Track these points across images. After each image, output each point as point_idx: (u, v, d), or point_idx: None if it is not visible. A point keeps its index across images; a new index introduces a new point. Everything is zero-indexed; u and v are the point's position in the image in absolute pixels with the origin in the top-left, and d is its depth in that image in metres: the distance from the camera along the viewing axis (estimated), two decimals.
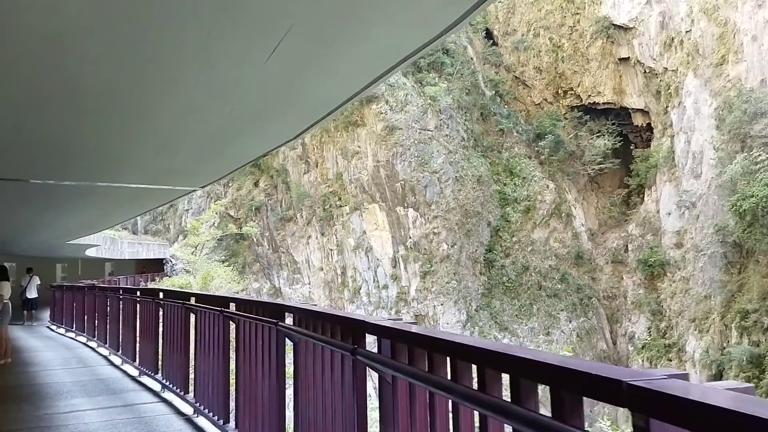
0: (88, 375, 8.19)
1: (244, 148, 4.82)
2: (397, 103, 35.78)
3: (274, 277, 39.18)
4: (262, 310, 4.22)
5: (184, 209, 41.31)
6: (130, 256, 27.91)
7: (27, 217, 9.47)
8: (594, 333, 37.31)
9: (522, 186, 37.51)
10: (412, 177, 35.66)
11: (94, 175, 6.02)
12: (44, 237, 13.44)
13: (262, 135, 4.28)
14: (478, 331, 35.78)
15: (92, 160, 5.35)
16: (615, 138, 37.76)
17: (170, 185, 6.59)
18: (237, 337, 4.67)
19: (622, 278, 37.83)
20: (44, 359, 9.54)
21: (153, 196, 7.22)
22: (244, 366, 4.58)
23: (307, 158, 38.50)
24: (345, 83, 3.31)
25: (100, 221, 10.53)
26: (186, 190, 6.87)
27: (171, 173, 5.95)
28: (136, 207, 8.27)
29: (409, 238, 36.15)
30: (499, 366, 1.72)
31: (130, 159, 5.43)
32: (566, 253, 37.44)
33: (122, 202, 7.74)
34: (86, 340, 11.63)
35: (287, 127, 4.08)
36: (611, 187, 39.88)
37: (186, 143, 4.62)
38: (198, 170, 5.80)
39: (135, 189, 6.73)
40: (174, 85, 3.14)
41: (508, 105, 39.26)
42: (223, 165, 5.65)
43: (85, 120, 3.94)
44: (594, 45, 38.07)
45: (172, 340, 6.64)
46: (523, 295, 36.61)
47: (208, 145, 4.74)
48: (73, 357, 9.81)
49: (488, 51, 39.66)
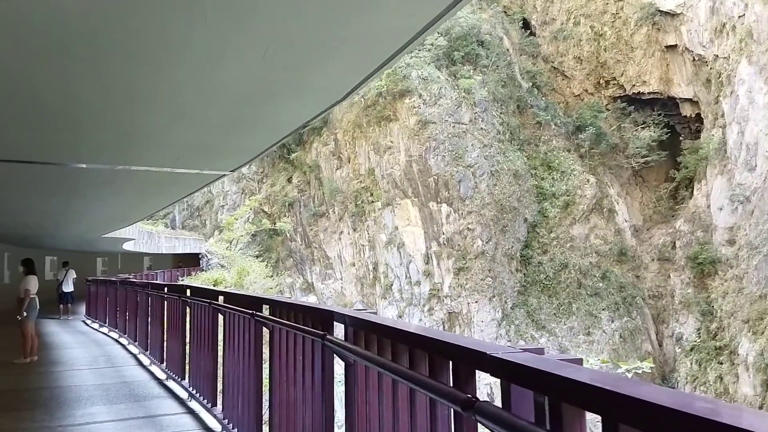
0: (113, 377, 7.55)
1: (280, 115, 3.97)
2: (431, 97, 34.69)
3: (306, 273, 38.69)
4: (303, 317, 3.38)
5: (219, 205, 41.28)
6: (167, 250, 27.81)
7: (57, 207, 8.94)
8: (638, 334, 35.49)
9: (561, 180, 35.94)
10: (446, 172, 34.54)
11: (117, 155, 5.30)
12: (78, 230, 13.05)
13: (303, 94, 3.41)
14: (514, 330, 34.48)
15: (112, 135, 4.61)
16: (661, 129, 35.79)
17: (197, 168, 5.82)
18: (271, 346, 3.84)
19: (669, 276, 35.85)
20: (71, 357, 9.00)
21: (180, 182, 6.49)
22: (281, 382, 3.74)
23: (339, 154, 37.83)
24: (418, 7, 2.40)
25: (130, 212, 9.97)
26: (215, 174, 6.10)
27: (198, 152, 5.17)
28: (164, 195, 7.59)
29: (442, 234, 35.07)
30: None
31: (153, 134, 4.66)
32: (608, 250, 35.70)
33: (148, 189, 7.06)
34: (118, 337, 11.12)
35: (336, 80, 3.20)
36: (657, 181, 37.87)
37: (214, 107, 3.81)
38: (227, 147, 4.99)
39: (160, 173, 5.99)
40: (199, 21, 2.31)
41: (545, 97, 37.68)
42: (255, 140, 4.83)
43: (103, 81, 3.21)
44: (638, 32, 36.14)
45: (199, 344, 5.88)
46: (561, 293, 35.08)
47: (240, 111, 3.92)
48: (102, 355, 9.25)
49: (525, 41, 38.12)
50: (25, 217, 9.87)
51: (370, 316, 2.60)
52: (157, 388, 6.85)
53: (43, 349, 9.63)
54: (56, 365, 8.34)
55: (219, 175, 6.19)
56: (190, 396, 6.10)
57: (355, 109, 36.26)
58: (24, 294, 8.44)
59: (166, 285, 7.46)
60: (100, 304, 13.03)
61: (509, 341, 34.18)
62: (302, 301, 4.53)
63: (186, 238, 31.75)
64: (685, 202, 36.25)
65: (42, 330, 12.38)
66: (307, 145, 38.68)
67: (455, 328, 34.88)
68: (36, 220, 10.58)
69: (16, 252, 17.75)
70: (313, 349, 3.12)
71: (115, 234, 14.14)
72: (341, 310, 2.96)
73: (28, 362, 8.47)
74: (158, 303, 7.83)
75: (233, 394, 4.81)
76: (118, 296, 10.97)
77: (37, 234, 13.47)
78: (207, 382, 5.58)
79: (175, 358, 6.96)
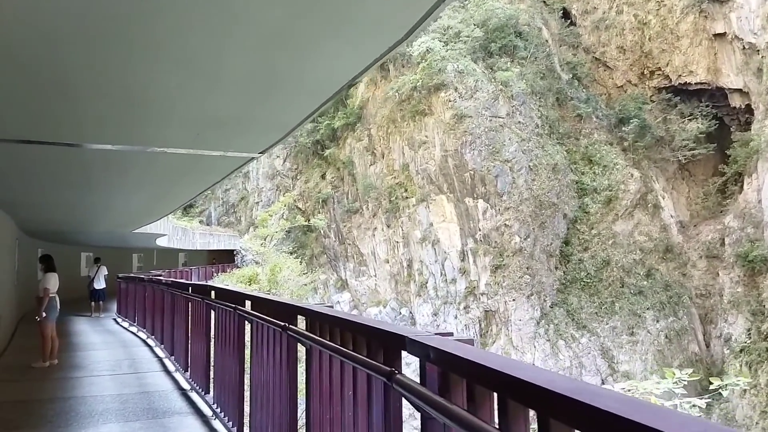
0: (134, 386, 6.68)
1: (322, 68, 2.93)
2: (467, 90, 33.26)
3: (340, 269, 37.87)
4: (354, 337, 2.31)
5: (254, 201, 40.88)
6: (201, 246, 27.37)
7: (79, 198, 8.18)
8: (684, 334, 33.30)
9: (602, 175, 34.00)
10: (483, 167, 33.08)
11: (128, 132, 4.36)
12: (107, 225, 12.41)
13: (354, 36, 2.37)
14: (553, 329, 32.81)
15: (119, 105, 3.67)
16: (709, 121, 33.46)
17: (221, 149, 4.84)
18: (309, 370, 2.80)
19: (717, 275, 33.50)
20: (94, 361, 8.23)
21: (203, 167, 5.55)
22: (323, 419, 2.68)
23: (373, 150, 36.81)
24: None
25: (157, 204, 9.17)
26: (241, 157, 5.12)
27: (220, 127, 4.17)
28: (188, 183, 6.70)
29: (478, 230, 33.64)
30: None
31: (164, 102, 3.69)
32: (653, 247, 33.60)
33: (170, 175, 6.16)
34: (146, 337, 10.37)
35: (384, 27, 2.16)
36: (704, 175, 35.47)
37: (235, 60, 2.82)
38: (254, 120, 3.98)
39: (180, 157, 5.04)
40: None
41: (586, 89, 35.72)
42: (287, 111, 3.81)
43: None
44: (685, 21, 33.84)
45: (224, 354, 4.90)
46: (603, 291, 33.20)
47: (265, 75, 2.93)
48: (127, 359, 8.45)
49: (565, 32, 36.21)
50: (49, 211, 9.21)
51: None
52: (180, 401, 5.93)
53: (66, 351, 8.91)
54: (76, 370, 7.56)
55: (246, 158, 5.21)
56: (213, 414, 5.14)
57: (389, 103, 35.16)
58: (43, 293, 7.68)
59: (190, 285, 6.55)
60: (130, 302, 12.32)
61: (548, 341, 32.55)
62: (354, 315, 3.39)
63: (221, 234, 31.30)
64: (735, 197, 33.76)
65: (71, 329, 11.78)
66: (341, 141, 37.80)
67: (492, 326, 33.46)
68: (61, 214, 9.92)
69: (49, 249, 17.39)
70: (369, 387, 2.24)
71: (147, 229, 13.49)
72: (411, 334, 2.07)
73: (47, 366, 7.73)
74: (183, 304, 6.94)
75: (262, 421, 3.81)
76: (147, 295, 10.20)
77: (66, 230, 12.94)
78: (232, 400, 4.60)
79: (199, 368, 6.03)
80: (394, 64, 34.97)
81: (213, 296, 5.30)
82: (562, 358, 32.04)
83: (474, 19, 33.69)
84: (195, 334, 6.28)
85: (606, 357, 32.28)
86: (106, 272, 14.74)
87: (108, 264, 19.42)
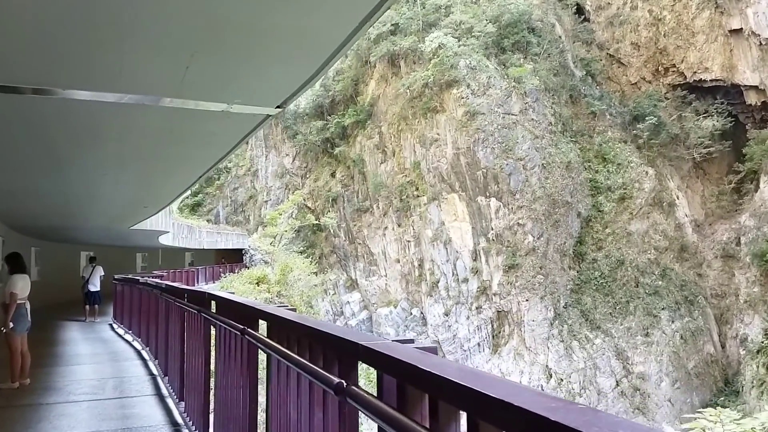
0: (115, 418, 5.06)
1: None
2: (479, 87, 31.60)
3: (350, 269, 36.21)
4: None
5: (263, 200, 39.28)
6: (208, 245, 25.71)
7: (57, 182, 6.55)
8: (700, 335, 31.55)
9: (616, 173, 32.28)
10: (495, 164, 31.40)
11: (95, 65, 2.72)
12: (101, 218, 10.80)
13: None
14: (567, 330, 31.07)
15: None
16: (725, 118, 31.70)
17: (226, 100, 3.18)
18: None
19: (733, 275, 31.76)
20: (74, 380, 6.58)
21: (203, 131, 3.90)
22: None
23: (384, 147, 35.16)
24: None
25: (149, 193, 7.48)
26: (253, 114, 3.48)
27: (223, 56, 2.54)
28: (184, 159, 5.02)
29: (491, 229, 31.96)
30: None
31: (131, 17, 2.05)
32: (667, 247, 31.87)
33: (160, 145, 4.51)
34: (141, 348, 8.73)
35: None
36: (718, 173, 33.72)
37: None
38: (274, 36, 2.32)
39: (171, 112, 3.39)
40: None
41: (600, 86, 34.04)
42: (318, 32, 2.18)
43: None
44: (700, 16, 32.15)
45: (227, 390, 3.27)
46: (618, 291, 31.46)
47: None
48: (114, 377, 6.79)
49: (579, 28, 34.56)
50: (25, 200, 7.59)
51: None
52: None
53: (45, 365, 7.25)
54: (48, 394, 5.91)
55: (259, 117, 3.57)
56: None
57: (400, 100, 33.52)
58: (9, 299, 6.04)
59: (186, 291, 4.89)
60: (126, 306, 10.60)
61: (562, 341, 30.80)
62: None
63: (229, 232, 29.62)
64: (751, 195, 32.06)
65: (59, 337, 10.11)
66: (351, 139, 36.15)
67: (504, 327, 31.75)
68: (41, 206, 8.30)
69: (46, 248, 15.82)
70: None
71: (147, 225, 11.89)
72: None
73: (16, 387, 6.10)
74: (177, 314, 5.29)
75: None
76: (142, 299, 8.49)
77: (57, 225, 11.30)
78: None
79: (196, 400, 4.38)
80: (405, 60, 33.33)
81: (214, 309, 3.65)
82: (576, 360, 30.31)
83: (486, 15, 32.01)
84: (191, 354, 4.63)
85: (620, 358, 30.54)
86: (102, 273, 12.93)
87: (110, 264, 17.77)
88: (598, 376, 30.22)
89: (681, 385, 30.58)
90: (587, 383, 30.06)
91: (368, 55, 34.76)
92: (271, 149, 39.31)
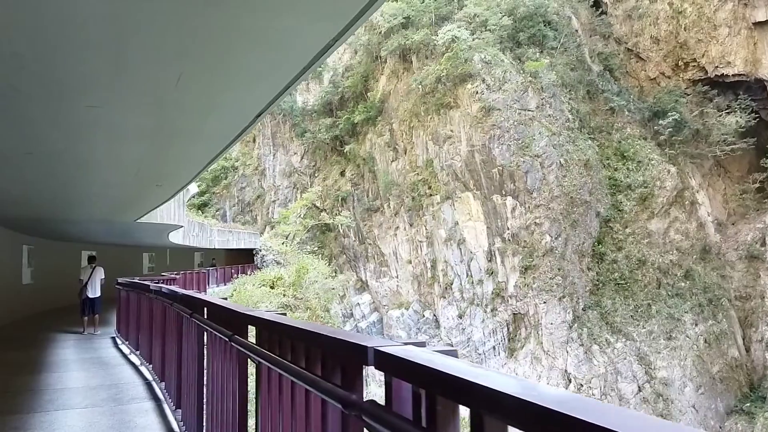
0: None
1: None
2: (495, 82, 30.04)
3: (360, 270, 34.65)
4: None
5: (271, 200, 37.73)
6: (219, 245, 24.09)
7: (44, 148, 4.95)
8: (724, 338, 29.94)
9: (636, 171, 30.70)
10: (511, 162, 29.83)
11: None
12: (98, 208, 9.20)
13: None
14: (586, 333, 29.43)
15: None
16: (748, 115, 30.17)
17: None
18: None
19: (758, 276, 30.16)
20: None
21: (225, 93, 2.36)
22: None
23: (395, 145, 33.61)
24: None
25: (157, 168, 5.87)
26: None
27: None
28: (197, 135, 3.51)
29: (506, 229, 30.37)
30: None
31: None
32: (690, 247, 30.27)
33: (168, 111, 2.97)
34: (152, 378, 6.31)
35: None
36: (740, 171, 32.15)
37: None
38: None
39: None
40: None
41: (618, 81, 32.46)
42: None
43: None
44: (723, 9, 30.61)
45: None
46: (639, 293, 29.84)
47: None
48: (111, 428, 4.72)
49: (596, 21, 32.97)
50: (12, 180, 6.06)
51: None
52: None
53: (12, 411, 5.43)
54: None
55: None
56: None
57: (412, 96, 31.96)
58: None
59: (206, 303, 3.35)
60: (132, 318, 8.58)
61: (582, 345, 29.23)
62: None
63: (240, 231, 28.01)
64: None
65: (46, 358, 8.07)
66: (361, 137, 34.60)
67: (520, 330, 30.16)
68: (17, 188, 6.73)
69: (40, 246, 14.28)
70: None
71: (157, 218, 10.28)
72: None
73: None
74: (195, 334, 3.75)
75: None
76: (154, 312, 6.47)
77: (48, 217, 9.63)
78: None
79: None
80: (417, 54, 31.82)
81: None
82: (596, 364, 28.69)
83: (501, 8, 30.48)
84: (221, 391, 3.08)
85: (643, 363, 28.90)
86: (103, 276, 10.86)
87: (114, 264, 16.15)
88: (619, 382, 28.59)
89: (705, 390, 28.97)
90: (608, 389, 28.43)
91: (379, 50, 33.22)
92: (279, 147, 37.78)
